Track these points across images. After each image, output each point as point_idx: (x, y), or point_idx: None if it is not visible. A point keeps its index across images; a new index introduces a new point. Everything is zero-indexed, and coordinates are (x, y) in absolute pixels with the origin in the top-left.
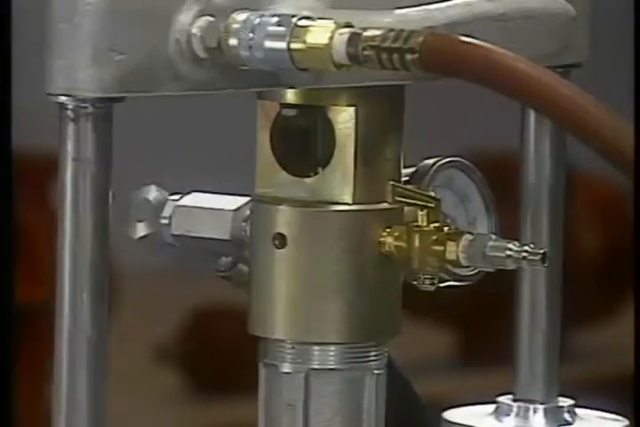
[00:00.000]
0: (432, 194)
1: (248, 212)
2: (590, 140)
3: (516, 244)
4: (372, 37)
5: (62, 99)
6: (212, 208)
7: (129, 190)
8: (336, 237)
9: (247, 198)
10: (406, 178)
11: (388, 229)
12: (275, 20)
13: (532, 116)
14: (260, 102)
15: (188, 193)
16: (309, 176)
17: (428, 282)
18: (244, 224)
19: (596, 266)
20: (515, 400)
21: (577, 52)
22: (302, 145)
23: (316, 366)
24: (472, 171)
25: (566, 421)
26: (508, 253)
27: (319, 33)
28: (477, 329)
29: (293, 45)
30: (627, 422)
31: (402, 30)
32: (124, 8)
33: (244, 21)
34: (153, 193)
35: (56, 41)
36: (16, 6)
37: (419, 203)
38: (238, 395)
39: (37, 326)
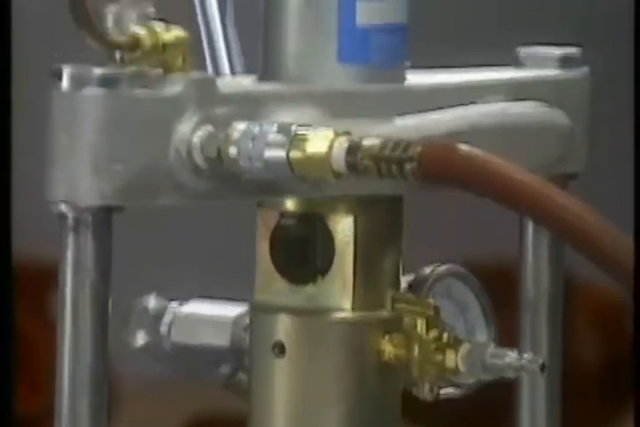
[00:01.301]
0: (431, 302)
1: (248, 320)
2: (588, 251)
3: (515, 353)
4: (371, 146)
5: (62, 208)
6: (211, 316)
7: (129, 298)
8: (335, 344)
9: (247, 306)
10: (405, 285)
11: (387, 337)
12: (274, 129)
13: (530, 224)
14: (260, 210)
15: (188, 300)
16: (309, 284)
17: (427, 390)
18: (243, 332)
19: (595, 376)
20: None
21: (575, 162)
22: (302, 253)
23: None
24: (470, 279)
25: None
26: (508, 361)
27: (318, 142)
28: None
29: (293, 154)
30: None
31: (400, 140)
32: (124, 119)
33: (244, 131)
34: (152, 302)
35: (56, 151)
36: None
37: (418, 310)
38: None
39: None
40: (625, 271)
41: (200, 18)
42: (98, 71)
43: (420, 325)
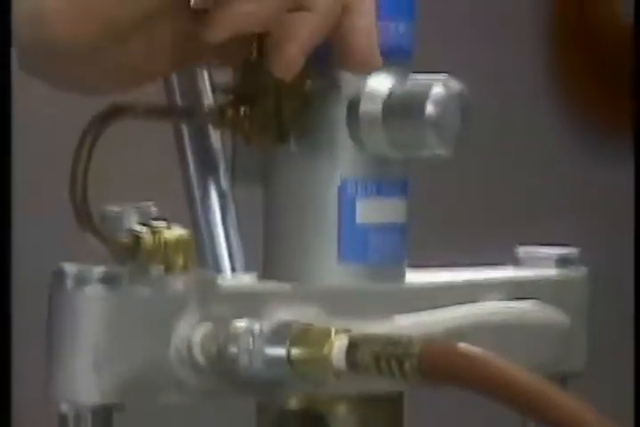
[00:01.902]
0: None
1: None
2: None
3: None
4: (371, 344)
5: (62, 405)
6: None
7: None
8: None
9: None
10: None
11: None
12: (274, 326)
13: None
14: (259, 407)
15: None
16: None
17: None
18: None
19: None
20: None
21: (575, 361)
22: None
23: None
24: None
25: None
26: None
27: (319, 340)
28: None
29: (293, 352)
30: None
31: (400, 338)
32: (125, 317)
33: (244, 329)
34: None
35: (57, 348)
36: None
37: None
38: None
39: None
40: None
41: (201, 216)
42: (99, 270)
43: None
